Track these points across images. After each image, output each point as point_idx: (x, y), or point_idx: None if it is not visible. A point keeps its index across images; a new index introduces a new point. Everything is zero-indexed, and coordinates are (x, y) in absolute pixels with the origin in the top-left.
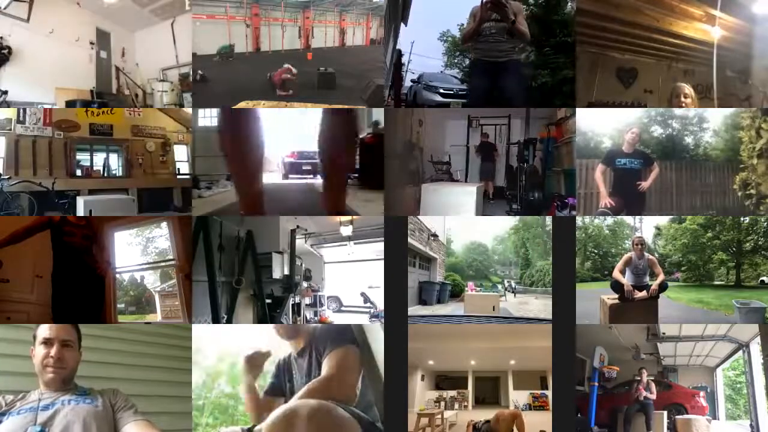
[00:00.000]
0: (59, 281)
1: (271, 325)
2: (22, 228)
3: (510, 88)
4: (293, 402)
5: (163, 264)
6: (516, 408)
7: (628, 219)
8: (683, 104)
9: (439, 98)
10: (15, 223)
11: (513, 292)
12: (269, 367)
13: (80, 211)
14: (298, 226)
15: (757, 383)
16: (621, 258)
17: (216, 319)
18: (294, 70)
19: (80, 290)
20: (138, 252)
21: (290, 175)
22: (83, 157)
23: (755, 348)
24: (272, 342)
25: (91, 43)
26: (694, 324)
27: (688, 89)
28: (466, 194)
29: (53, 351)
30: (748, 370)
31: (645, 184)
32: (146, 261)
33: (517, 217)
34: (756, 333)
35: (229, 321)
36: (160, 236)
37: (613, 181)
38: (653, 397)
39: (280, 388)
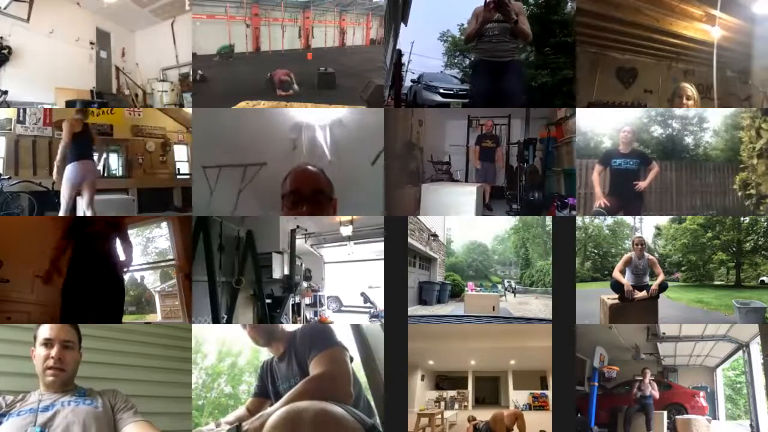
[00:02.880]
0: (75, 274)
1: (246, 330)
2: (57, 240)
3: (511, 88)
4: (297, 403)
5: (163, 264)
6: (516, 408)
7: (628, 219)
8: (685, 105)
9: (439, 98)
10: (15, 223)
11: (513, 292)
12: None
13: (80, 212)
14: (298, 226)
15: (757, 383)
16: (621, 258)
17: (216, 319)
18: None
19: (97, 286)
20: (138, 252)
21: None
22: None
23: (755, 348)
24: None
25: (91, 43)
26: (694, 324)
27: (691, 90)
28: (466, 194)
29: (54, 352)
30: (748, 370)
31: (642, 184)
32: (146, 261)
33: (517, 217)
34: (756, 333)
35: (229, 321)
36: (160, 236)
37: (610, 182)
38: (656, 394)
39: (266, 391)
